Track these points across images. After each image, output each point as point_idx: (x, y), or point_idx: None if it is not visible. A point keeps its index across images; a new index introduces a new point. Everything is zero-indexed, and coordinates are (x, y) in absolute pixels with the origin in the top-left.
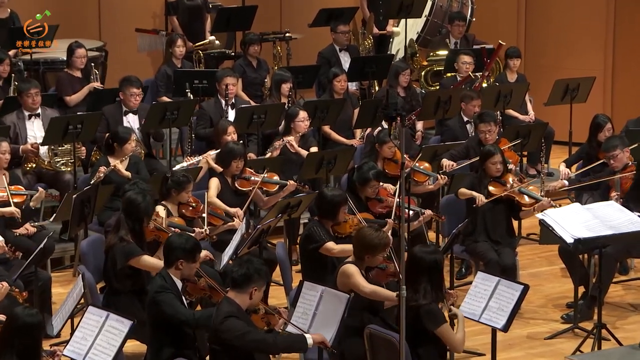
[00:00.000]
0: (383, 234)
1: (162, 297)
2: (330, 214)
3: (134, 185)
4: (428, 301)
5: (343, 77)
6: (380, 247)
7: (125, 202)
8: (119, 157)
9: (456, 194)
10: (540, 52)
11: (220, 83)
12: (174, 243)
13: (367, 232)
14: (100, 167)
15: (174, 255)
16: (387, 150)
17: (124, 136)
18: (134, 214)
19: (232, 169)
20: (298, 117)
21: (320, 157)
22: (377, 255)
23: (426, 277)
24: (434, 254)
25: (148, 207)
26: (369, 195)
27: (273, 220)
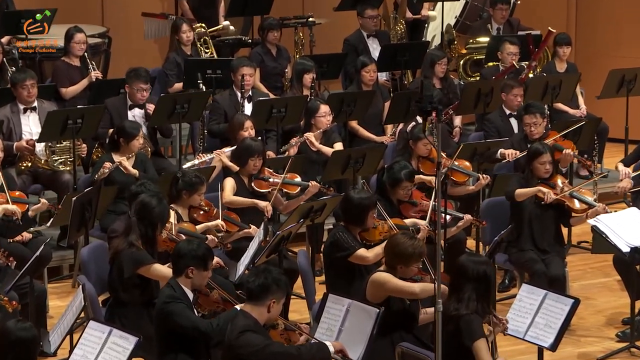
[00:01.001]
0: (418, 242)
1: (172, 307)
2: (358, 219)
3: (141, 186)
4: (470, 311)
5: (372, 66)
6: (414, 256)
7: (138, 205)
8: (125, 155)
9: (512, 197)
10: (593, 39)
11: (236, 73)
12: (183, 249)
13: (401, 240)
14: (106, 163)
15: (184, 262)
16: (422, 147)
17: (131, 131)
18: (147, 219)
19: (249, 169)
20: (319, 111)
21: (346, 155)
22: (411, 265)
23: (472, 286)
24: (483, 264)
25: (163, 212)
26: (401, 198)
27: (294, 226)
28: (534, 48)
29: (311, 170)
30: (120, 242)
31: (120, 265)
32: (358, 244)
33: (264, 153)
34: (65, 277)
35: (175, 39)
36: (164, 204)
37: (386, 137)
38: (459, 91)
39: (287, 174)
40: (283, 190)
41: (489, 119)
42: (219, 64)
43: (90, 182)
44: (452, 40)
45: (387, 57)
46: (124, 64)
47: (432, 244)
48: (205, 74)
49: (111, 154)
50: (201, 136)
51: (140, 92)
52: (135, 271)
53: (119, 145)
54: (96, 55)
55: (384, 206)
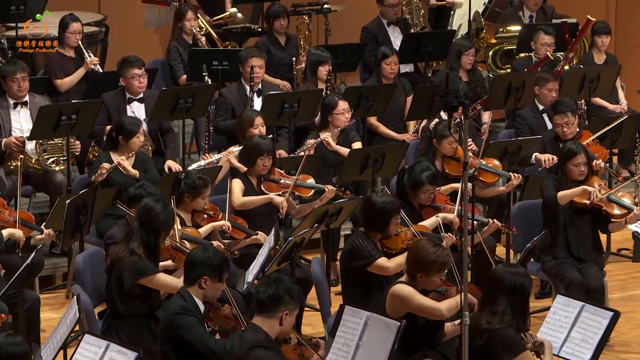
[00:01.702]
0: (443, 250)
1: (184, 320)
2: (380, 225)
3: (140, 188)
4: (505, 325)
5: (394, 58)
6: (436, 265)
7: (141, 210)
8: (124, 154)
9: (554, 201)
10: (635, 28)
11: (245, 65)
12: (198, 257)
13: (423, 246)
14: (103, 163)
15: (197, 271)
16: (447, 146)
17: (131, 128)
18: (150, 225)
19: (258, 169)
20: (337, 108)
21: (364, 155)
22: (433, 275)
23: (508, 299)
24: (521, 276)
25: (168, 218)
26: (423, 202)
27: (308, 232)
28: (570, 38)
29: (326, 171)
30: (120, 249)
31: (119, 275)
32: (378, 252)
33: (274, 152)
34: (59, 287)
35: (178, 27)
36: (170, 210)
37: (408, 134)
38: (487, 85)
39: (300, 176)
40: (295, 194)
41: (521, 115)
42: (226, 55)
43: (87, 184)
44: (481, 28)
45: (410, 48)
46: (122, 55)
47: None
48: (211, 65)
49: (109, 153)
50: (206, 134)
51: (136, 79)
52: (137, 282)
53: (117, 144)
54: (92, 45)
55: (405, 211)
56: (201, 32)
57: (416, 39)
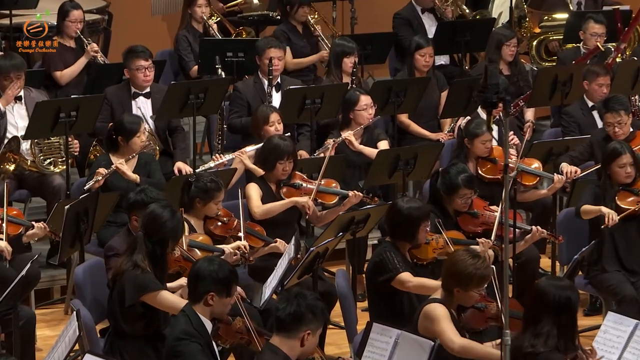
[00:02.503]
0: (482, 262)
1: (185, 348)
2: (408, 233)
3: (141, 194)
4: (550, 348)
5: (429, 49)
6: (475, 279)
7: (147, 218)
8: (125, 155)
9: (578, 213)
10: None
11: (262, 56)
12: (203, 270)
13: (460, 257)
14: (99, 169)
15: (203, 287)
16: (480, 146)
17: (131, 127)
18: (157, 235)
19: (277, 173)
20: (358, 104)
21: (394, 156)
22: (471, 289)
23: (553, 318)
24: (567, 290)
25: (177, 227)
26: (459, 208)
27: (331, 241)
28: (622, 27)
29: (350, 174)
30: (123, 261)
31: (121, 290)
32: (404, 266)
33: (295, 155)
34: (57, 302)
35: (188, 14)
36: (178, 218)
37: (443, 133)
38: (531, 79)
39: (323, 181)
40: (318, 200)
41: (568, 113)
42: (242, 45)
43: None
44: (524, 16)
45: (445, 37)
46: (126, 45)
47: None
48: (225, 56)
49: (108, 155)
50: (219, 132)
51: (141, 71)
52: (140, 298)
53: (117, 144)
54: (94, 34)
55: (439, 217)
56: (213, 20)
57: (452, 27)
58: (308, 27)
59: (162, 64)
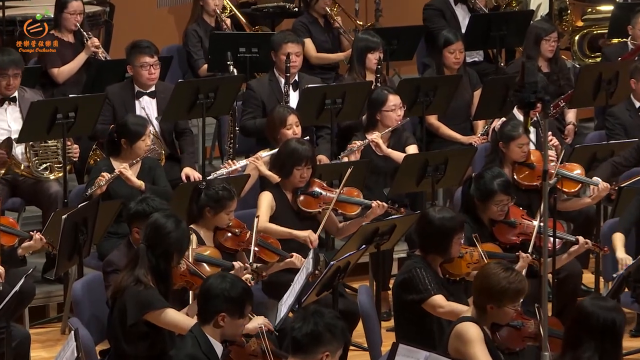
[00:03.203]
0: (516, 275)
1: None
2: (440, 246)
3: (142, 203)
4: None
5: (458, 45)
6: (509, 293)
7: (149, 228)
8: (128, 160)
9: None
10: None
11: (278, 52)
12: (214, 288)
13: (492, 271)
14: (102, 173)
15: (213, 306)
16: (516, 150)
17: (135, 129)
18: (160, 247)
19: (294, 181)
20: (386, 104)
21: (422, 161)
22: (506, 305)
23: (595, 343)
24: (612, 311)
25: (182, 238)
26: (494, 217)
27: (353, 255)
28: None
29: (375, 181)
30: (124, 277)
31: (122, 308)
32: (436, 286)
33: (314, 160)
34: (53, 320)
35: (199, 6)
36: (183, 228)
37: (475, 137)
38: (572, 77)
39: (344, 189)
40: (338, 210)
41: (613, 114)
42: (256, 40)
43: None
44: (565, 8)
45: (478, 31)
46: (130, 40)
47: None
48: (238, 52)
49: (109, 160)
50: (231, 135)
51: (146, 68)
52: (143, 317)
53: (119, 148)
54: (94, 28)
55: (473, 228)
56: (226, 14)
57: (486, 20)
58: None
59: (169, 61)
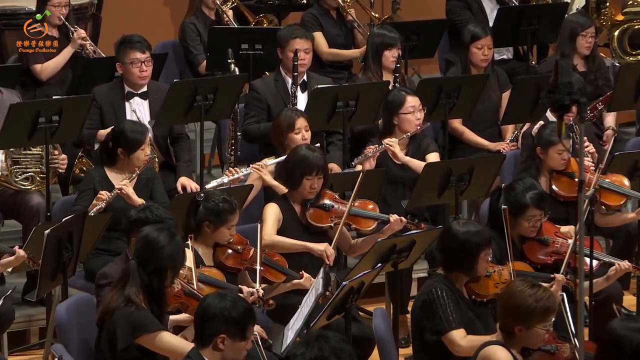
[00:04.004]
0: (544, 291)
1: None
2: (465, 263)
3: (146, 211)
4: None
5: (486, 41)
6: (537, 312)
7: (140, 243)
8: (124, 171)
9: None
10: None
11: (285, 48)
12: (212, 308)
13: (517, 289)
14: (101, 192)
15: (212, 327)
16: (556, 157)
17: (134, 137)
18: (153, 263)
19: (304, 192)
20: (404, 106)
21: (445, 170)
22: (535, 326)
23: None
24: None
25: (176, 254)
26: (525, 234)
27: (368, 274)
28: None
29: (392, 192)
30: (114, 296)
31: (112, 331)
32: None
33: (325, 169)
34: (34, 347)
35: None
36: (177, 243)
37: (504, 143)
38: (612, 76)
39: (357, 202)
40: (352, 225)
41: None
42: (260, 35)
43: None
44: (603, 1)
45: (507, 26)
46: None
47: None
48: (239, 49)
49: (103, 169)
50: (232, 141)
51: (137, 65)
52: (135, 340)
53: (115, 157)
54: (81, 22)
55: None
56: (228, 5)
57: (516, 13)
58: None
59: (164, 58)
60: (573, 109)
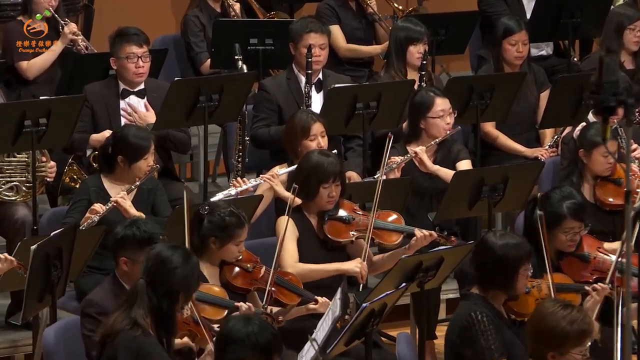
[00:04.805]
0: (578, 312)
1: None
2: (503, 280)
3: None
4: None
5: (521, 36)
6: (572, 335)
7: (152, 262)
8: (123, 181)
9: None
10: None
11: (299, 44)
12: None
13: (548, 310)
14: (95, 205)
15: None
16: (600, 160)
17: (137, 144)
18: (164, 285)
19: (321, 202)
20: (433, 109)
21: (476, 179)
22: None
23: None
24: None
25: (190, 276)
26: (563, 248)
27: (391, 295)
28: None
29: (417, 204)
30: (118, 318)
31: (113, 357)
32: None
33: (342, 174)
34: None
35: None
36: (193, 265)
37: (542, 149)
38: None
39: (378, 212)
40: (375, 240)
41: None
42: (271, 29)
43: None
44: None
45: (546, 19)
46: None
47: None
48: (248, 44)
49: (99, 177)
50: (239, 146)
51: (133, 60)
52: None
53: (114, 165)
54: (71, 14)
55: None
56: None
57: (556, 5)
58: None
59: (164, 54)
60: (619, 111)
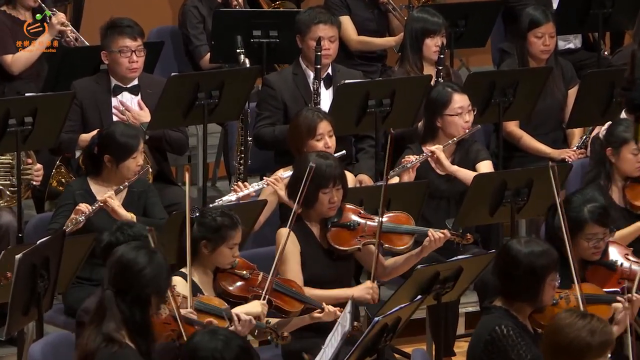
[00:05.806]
0: (598, 321)
1: None
2: (529, 291)
3: (118, 232)
4: None
5: (548, 28)
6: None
7: (114, 268)
8: (111, 183)
9: None
10: None
11: (306, 36)
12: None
13: (566, 321)
14: (80, 205)
15: None
16: (630, 159)
17: (125, 143)
18: (132, 291)
19: (322, 208)
20: (451, 106)
21: (498, 183)
22: None
23: None
24: None
25: (159, 276)
26: (587, 257)
27: (405, 308)
28: None
29: (435, 209)
30: (90, 336)
31: None
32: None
33: (342, 177)
34: None
35: None
36: (159, 262)
37: (570, 150)
38: None
39: (389, 215)
40: (384, 245)
41: None
42: (276, 20)
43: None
44: None
45: (574, 9)
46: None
47: None
48: (250, 36)
49: (86, 180)
50: (241, 147)
51: (126, 54)
52: None
53: (101, 166)
54: (59, 4)
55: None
56: None
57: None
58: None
59: (159, 47)
60: None
